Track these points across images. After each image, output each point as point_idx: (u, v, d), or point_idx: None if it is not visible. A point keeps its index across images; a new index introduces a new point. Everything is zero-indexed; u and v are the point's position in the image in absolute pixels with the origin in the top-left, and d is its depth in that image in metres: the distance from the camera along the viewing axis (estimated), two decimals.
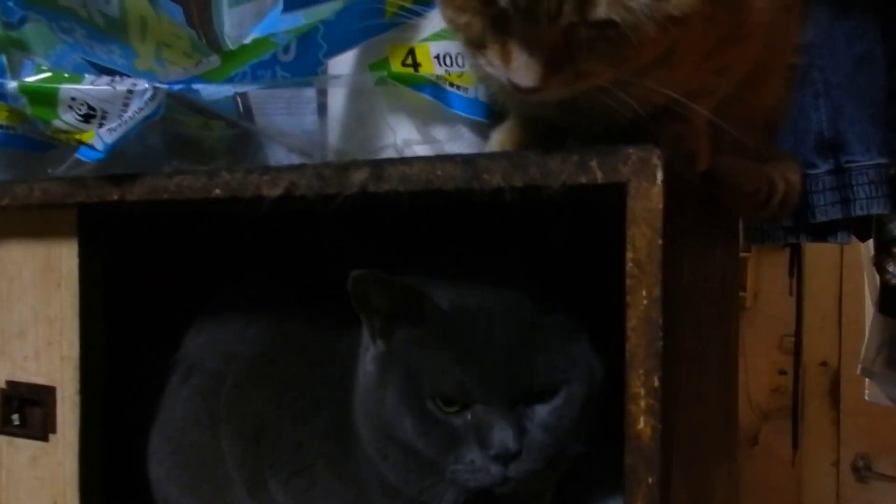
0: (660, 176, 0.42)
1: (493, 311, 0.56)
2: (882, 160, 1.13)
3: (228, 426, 0.68)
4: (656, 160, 0.42)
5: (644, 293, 0.43)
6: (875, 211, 1.15)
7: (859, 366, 1.67)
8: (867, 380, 1.70)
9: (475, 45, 0.44)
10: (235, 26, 0.75)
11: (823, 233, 1.23)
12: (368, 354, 0.60)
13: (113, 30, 0.66)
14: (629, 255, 0.43)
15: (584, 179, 0.44)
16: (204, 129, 0.75)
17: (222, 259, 0.82)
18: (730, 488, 0.80)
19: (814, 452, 2.43)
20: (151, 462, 0.74)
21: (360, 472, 0.62)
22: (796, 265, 1.42)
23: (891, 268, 1.30)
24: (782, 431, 2.38)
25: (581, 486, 0.66)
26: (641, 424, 0.43)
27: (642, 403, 0.43)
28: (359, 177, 0.50)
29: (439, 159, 0.48)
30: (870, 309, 1.69)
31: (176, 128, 0.72)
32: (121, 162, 0.60)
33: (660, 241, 0.43)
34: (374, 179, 0.50)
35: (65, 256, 0.69)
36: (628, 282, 0.44)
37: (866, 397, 1.79)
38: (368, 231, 0.75)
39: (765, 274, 2.39)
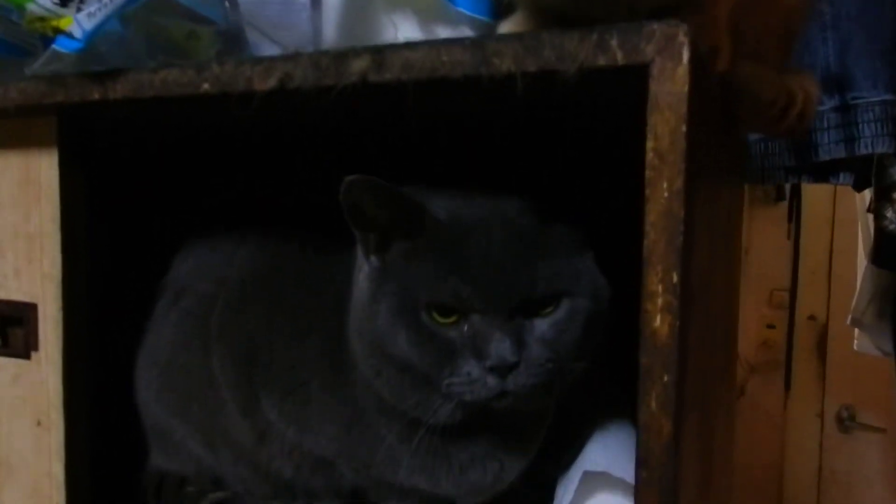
0: (686, 55, 0.39)
1: (492, 222, 0.54)
2: (889, 97, 1.10)
3: (220, 348, 0.66)
4: (682, 37, 0.39)
5: (665, 185, 0.40)
6: (880, 149, 1.13)
7: (849, 316, 1.67)
8: (856, 330, 1.71)
9: None
10: None
11: (825, 173, 1.21)
12: (362, 273, 0.58)
13: None
14: (650, 144, 0.41)
15: (602, 61, 0.41)
16: (191, 40, 0.71)
17: (211, 178, 0.79)
18: (727, 429, 0.79)
19: (799, 404, 2.47)
20: (139, 385, 0.72)
21: (355, 391, 0.60)
22: (795, 209, 1.40)
23: (889, 213, 1.29)
24: (769, 384, 2.40)
25: (583, 410, 0.65)
26: (658, 322, 0.40)
27: (660, 301, 0.40)
28: (358, 65, 0.46)
29: (445, 43, 0.45)
30: (861, 262, 1.69)
31: (162, 37, 0.68)
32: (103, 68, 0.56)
33: (684, 129, 0.40)
34: (374, 68, 0.46)
35: (44, 168, 0.66)
36: (648, 174, 0.41)
37: (855, 348, 1.80)
38: (364, 158, 0.72)
39: (756, 229, 2.38)
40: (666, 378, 0.40)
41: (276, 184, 0.77)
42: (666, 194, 0.40)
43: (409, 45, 0.45)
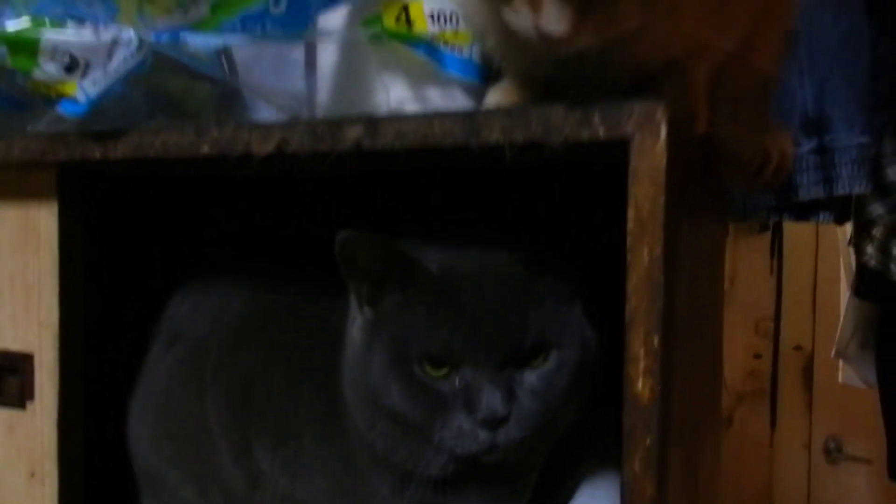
0: (664, 131, 0.42)
1: (483, 274, 0.55)
2: (864, 139, 1.14)
3: (215, 393, 0.67)
4: (660, 115, 0.42)
5: (646, 252, 0.42)
6: (857, 190, 1.16)
7: (833, 349, 1.69)
8: (841, 362, 1.73)
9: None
10: None
11: (806, 212, 1.24)
12: (355, 324, 0.59)
13: None
14: (631, 213, 0.43)
15: (586, 135, 0.43)
16: (189, 95, 0.73)
17: (208, 222, 0.80)
18: (713, 462, 0.80)
19: (786, 434, 2.48)
20: (133, 431, 0.72)
21: (348, 441, 0.61)
22: (777, 245, 1.43)
23: (869, 249, 1.32)
24: (756, 414, 2.42)
25: (572, 457, 0.66)
26: (640, 385, 0.42)
27: (641, 364, 0.42)
28: (353, 133, 0.48)
29: (436, 115, 0.47)
30: (845, 293, 1.71)
31: (160, 92, 0.70)
32: (102, 124, 0.58)
33: (663, 199, 0.42)
34: (368, 136, 0.48)
35: (44, 218, 0.67)
36: (630, 241, 0.43)
37: (840, 380, 1.81)
38: (360, 199, 0.73)
39: (741, 259, 2.41)
40: (648, 441, 0.42)
41: (273, 221, 0.79)
42: (647, 261, 0.42)
43: (402, 117, 0.48)
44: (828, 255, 2.12)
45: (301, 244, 0.70)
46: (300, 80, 0.66)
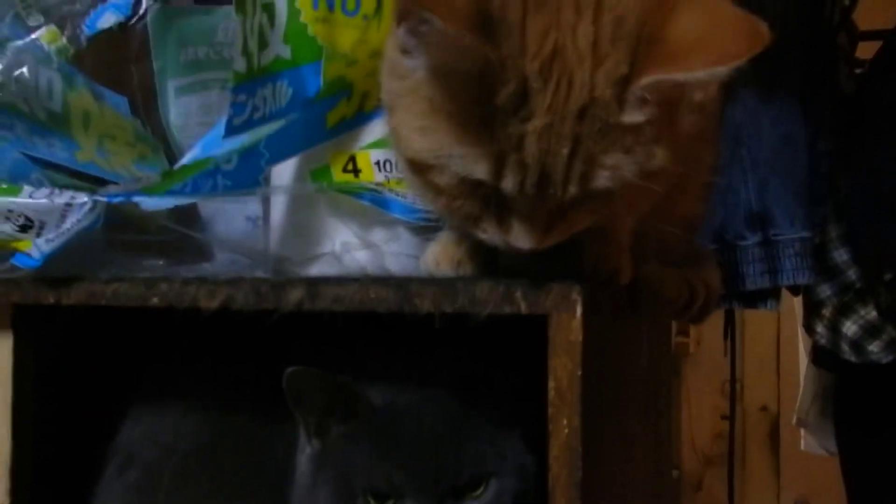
0: (579, 310, 0.45)
1: (424, 406, 0.57)
2: (806, 233, 1.19)
3: None
4: (576, 295, 0.45)
5: (565, 422, 0.45)
6: (800, 281, 1.22)
7: (794, 416, 1.72)
8: (802, 430, 1.76)
9: (469, 220, 0.48)
10: (181, 115, 0.77)
11: (753, 300, 1.29)
12: (304, 455, 0.61)
13: (55, 124, 0.66)
14: (551, 384, 0.46)
15: (508, 310, 0.46)
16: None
17: (162, 344, 0.82)
18: None
19: (754, 497, 2.50)
20: None
21: None
22: (730, 328, 1.48)
23: (819, 328, 1.37)
24: (725, 477, 2.43)
25: None
26: None
27: None
28: (295, 295, 0.51)
29: (373, 282, 0.50)
30: (805, 358, 1.76)
31: (118, 211, 0.72)
32: (57, 268, 0.60)
33: (579, 373, 0.45)
34: (309, 298, 0.51)
35: None
36: (550, 410, 0.46)
37: (802, 447, 1.84)
38: (306, 329, 0.76)
39: (707, 320, 2.45)
40: None
41: (226, 349, 0.80)
42: (566, 430, 0.45)
43: (341, 281, 0.51)
44: (790, 317, 2.17)
45: (253, 373, 0.71)
46: (254, 209, 0.70)
